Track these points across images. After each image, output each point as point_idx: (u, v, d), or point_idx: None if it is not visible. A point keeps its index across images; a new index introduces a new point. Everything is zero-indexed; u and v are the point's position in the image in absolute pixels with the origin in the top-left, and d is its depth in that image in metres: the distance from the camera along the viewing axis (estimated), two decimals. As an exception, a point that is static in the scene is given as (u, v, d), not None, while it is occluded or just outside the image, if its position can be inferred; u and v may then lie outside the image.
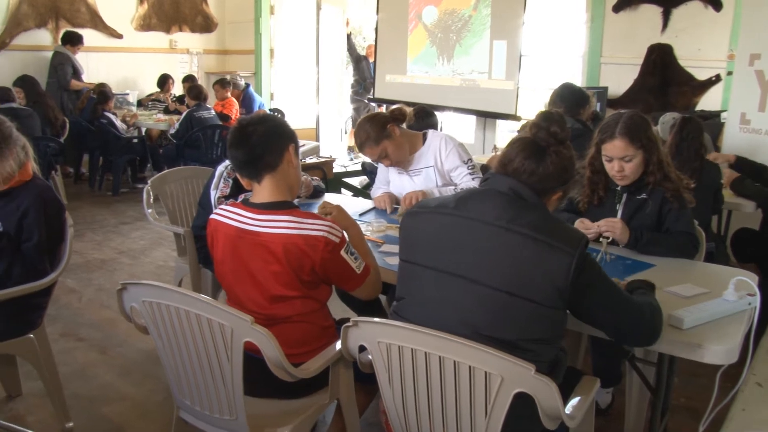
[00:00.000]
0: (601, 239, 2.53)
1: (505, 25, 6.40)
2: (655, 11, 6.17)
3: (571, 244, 1.67)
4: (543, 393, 1.55)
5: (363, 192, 5.43)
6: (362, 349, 1.83)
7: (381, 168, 3.44)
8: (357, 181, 6.11)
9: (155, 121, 7.58)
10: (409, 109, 3.27)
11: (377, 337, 1.73)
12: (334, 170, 5.40)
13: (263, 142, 2.07)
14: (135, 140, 7.30)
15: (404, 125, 3.24)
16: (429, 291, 1.79)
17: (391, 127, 3.11)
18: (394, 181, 3.37)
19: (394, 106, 3.24)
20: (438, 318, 1.72)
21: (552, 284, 1.65)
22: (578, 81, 6.44)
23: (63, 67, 7.88)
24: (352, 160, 8.46)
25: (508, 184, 1.78)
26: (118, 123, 7.24)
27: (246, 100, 8.25)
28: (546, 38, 8.71)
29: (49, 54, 8.10)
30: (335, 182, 5.29)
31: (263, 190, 2.11)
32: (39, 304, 2.74)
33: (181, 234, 3.42)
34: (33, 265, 2.62)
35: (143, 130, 7.59)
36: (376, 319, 1.75)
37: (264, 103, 8.82)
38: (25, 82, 6.86)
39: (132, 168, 7.75)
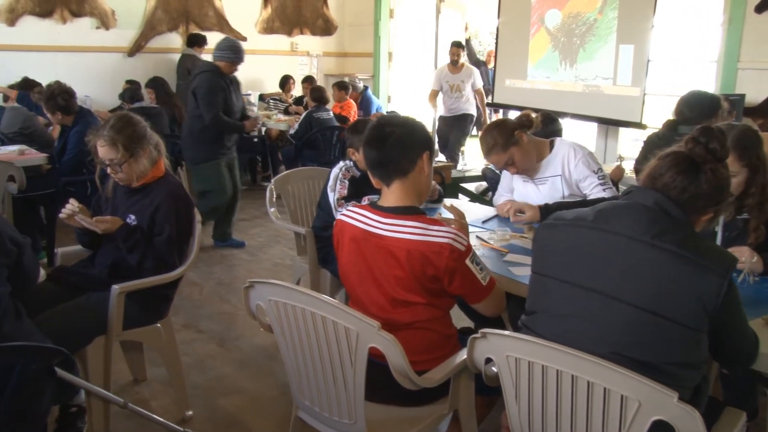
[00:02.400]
0: (743, 259, 2.35)
1: (632, 28, 6.13)
2: (807, 10, 5.70)
3: (723, 265, 1.56)
4: (685, 423, 1.44)
5: (480, 198, 5.35)
6: (488, 361, 1.78)
7: (505, 175, 3.35)
8: (473, 186, 6.03)
9: (276, 121, 7.77)
10: (535, 116, 3.16)
11: (506, 351, 1.67)
12: (452, 175, 5.35)
13: (398, 145, 2.04)
14: (255, 140, 7.51)
15: (530, 132, 3.14)
16: (564, 306, 1.71)
17: (519, 134, 3.02)
18: (518, 189, 3.28)
19: (521, 113, 3.15)
20: (572, 335, 1.64)
21: (701, 306, 1.55)
22: (711, 88, 6.07)
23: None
24: (465, 164, 8.37)
25: (654, 199, 1.67)
26: None
27: (364, 102, 8.33)
28: (676, 42, 8.29)
29: (177, 56, 8.49)
30: (453, 187, 5.23)
31: (391, 194, 2.08)
32: (167, 296, 2.85)
33: (302, 234, 3.47)
34: (163, 258, 2.72)
35: (263, 129, 7.80)
36: (506, 332, 1.69)
37: (381, 105, 8.87)
38: (156, 83, 7.19)
39: (251, 166, 7.98)
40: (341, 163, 3.30)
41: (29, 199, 4.62)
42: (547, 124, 4.14)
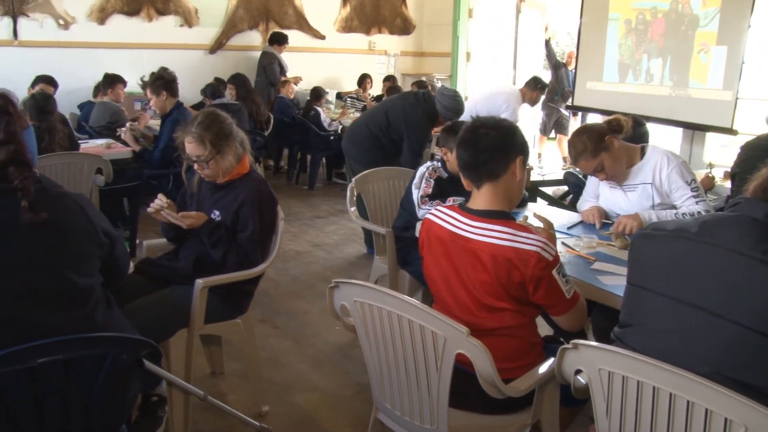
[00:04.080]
0: None
1: (726, 28, 5.87)
2: None
3: None
4: (796, 452, 1.35)
5: (559, 202, 5.23)
6: (577, 372, 1.71)
7: (591, 181, 3.26)
8: (550, 190, 5.91)
9: (353, 120, 7.80)
10: (625, 120, 3.05)
11: (599, 364, 1.60)
12: (531, 178, 5.25)
13: (491, 149, 2.01)
14: (332, 137, 7.56)
15: (620, 137, 3.04)
16: (663, 321, 1.63)
17: (609, 139, 2.92)
18: (604, 195, 3.18)
19: (612, 116, 3.05)
20: (671, 351, 1.56)
21: None
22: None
23: (272, 65, 8.41)
24: (542, 168, 8.25)
25: (766, 211, 1.57)
26: (323, 117, 7.56)
27: (441, 102, 8.26)
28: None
29: (257, 54, 8.66)
30: (531, 191, 5.13)
31: (481, 197, 2.05)
32: (248, 292, 2.87)
33: (382, 234, 3.45)
34: (246, 255, 2.74)
35: (339, 128, 7.85)
36: (600, 345, 1.62)
37: (458, 106, 8.79)
38: (237, 79, 7.31)
39: (328, 164, 8.04)
40: (429, 163, 3.30)
41: (113, 191, 4.75)
42: (634, 128, 4.00)
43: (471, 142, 2.03)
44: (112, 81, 6.36)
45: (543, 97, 7.09)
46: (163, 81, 4.76)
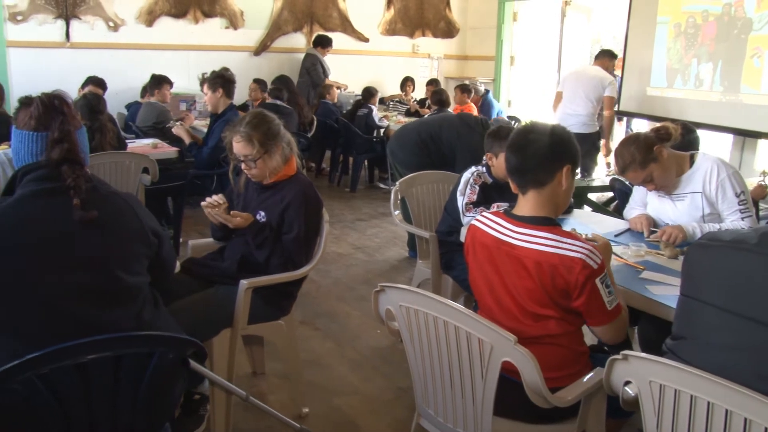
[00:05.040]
0: None
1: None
2: None
3: None
4: None
5: (604, 208, 5.15)
6: (626, 383, 1.67)
7: (639, 188, 3.18)
8: (594, 196, 5.81)
9: (396, 122, 7.80)
10: (673, 127, 2.97)
11: (649, 376, 1.57)
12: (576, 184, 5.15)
13: (540, 155, 1.98)
14: (375, 140, 7.57)
15: (669, 144, 2.96)
16: (719, 335, 1.58)
17: (658, 149, 2.84)
18: (652, 204, 3.10)
19: (660, 125, 2.97)
20: (729, 366, 1.51)
21: None
22: None
23: (315, 67, 8.46)
24: (587, 174, 8.13)
25: None
26: (375, 113, 7.57)
27: (484, 106, 8.20)
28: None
29: (301, 56, 8.73)
30: (577, 197, 5.06)
31: (526, 203, 2.03)
32: (291, 293, 2.88)
33: (425, 238, 3.43)
34: (290, 256, 2.75)
35: (382, 130, 7.86)
36: (651, 356, 1.58)
37: (502, 110, 8.74)
38: (281, 81, 7.37)
39: (370, 166, 8.04)
40: (473, 168, 3.25)
41: (159, 190, 4.82)
42: (684, 135, 3.90)
43: (519, 147, 2.01)
44: (158, 82, 6.48)
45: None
46: (222, 79, 4.92)
